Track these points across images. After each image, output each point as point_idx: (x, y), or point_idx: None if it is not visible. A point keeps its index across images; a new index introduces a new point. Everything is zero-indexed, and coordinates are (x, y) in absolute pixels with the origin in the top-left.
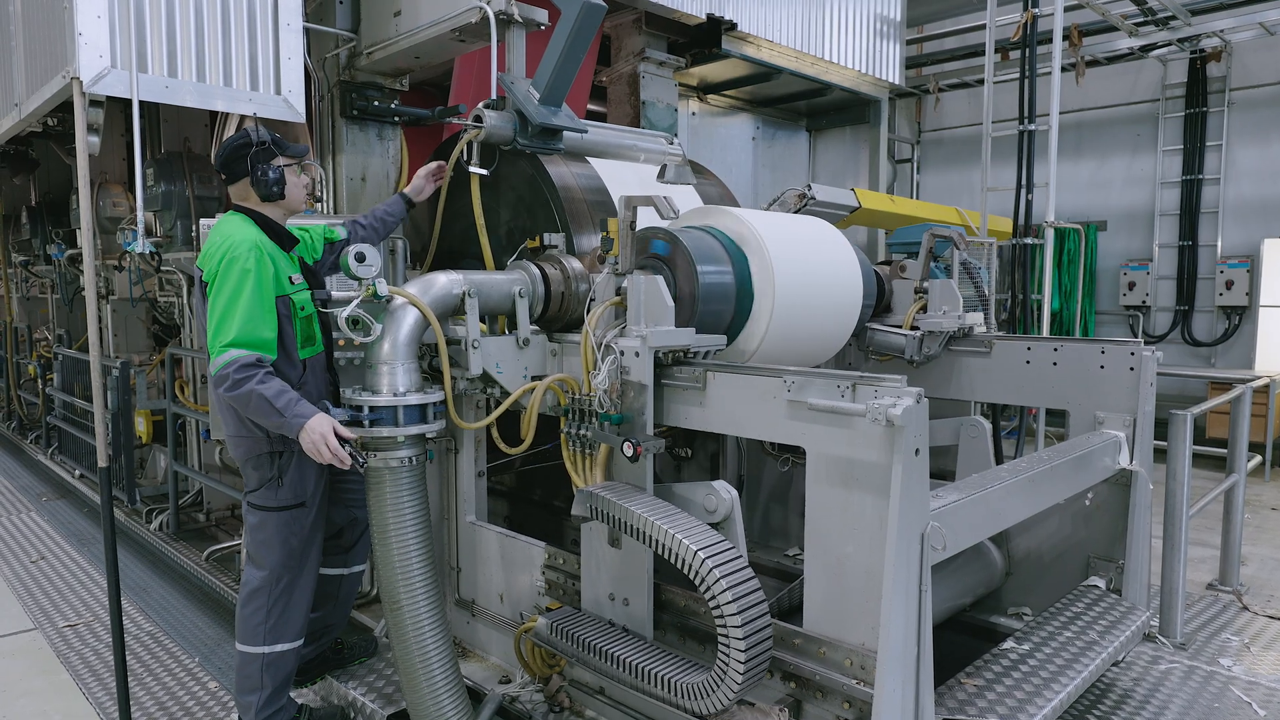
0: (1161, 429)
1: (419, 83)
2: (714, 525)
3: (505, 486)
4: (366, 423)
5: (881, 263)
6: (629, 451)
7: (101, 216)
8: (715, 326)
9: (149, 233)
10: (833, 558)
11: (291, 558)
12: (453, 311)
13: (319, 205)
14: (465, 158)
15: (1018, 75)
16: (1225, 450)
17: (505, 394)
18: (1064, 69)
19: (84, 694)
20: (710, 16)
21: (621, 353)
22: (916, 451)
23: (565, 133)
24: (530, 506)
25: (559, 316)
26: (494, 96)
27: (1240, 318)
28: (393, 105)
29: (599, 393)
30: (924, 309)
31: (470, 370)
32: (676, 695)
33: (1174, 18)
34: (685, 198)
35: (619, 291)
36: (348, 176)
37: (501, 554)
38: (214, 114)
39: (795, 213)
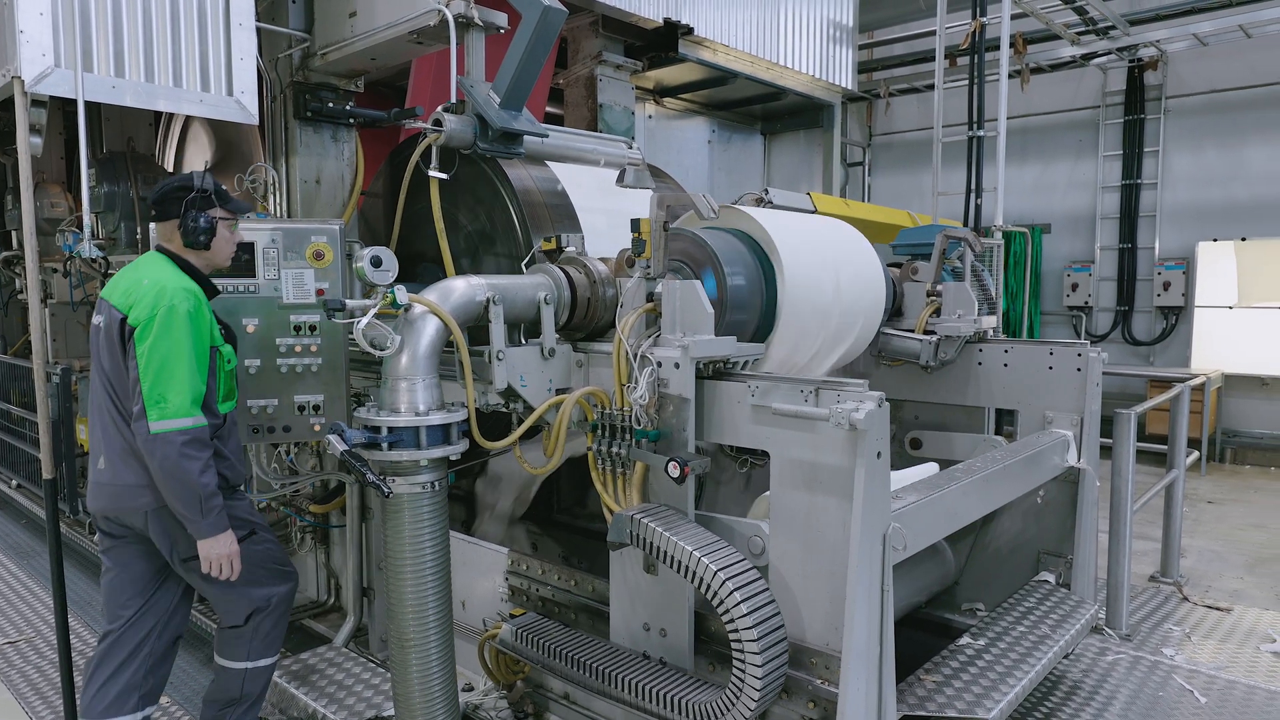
0: (1105, 426)
1: (373, 83)
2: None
3: (463, 491)
4: (385, 445)
5: (890, 264)
6: (674, 472)
7: (39, 218)
8: (740, 334)
9: (91, 235)
10: (797, 560)
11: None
12: (474, 320)
13: (270, 209)
14: (425, 161)
15: (966, 81)
16: (1164, 446)
17: (528, 409)
18: (1010, 75)
19: (27, 713)
20: (667, 21)
21: (659, 364)
22: (878, 454)
23: (526, 137)
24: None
25: (584, 324)
26: (453, 100)
27: (1177, 318)
28: (348, 107)
29: (636, 407)
30: (936, 312)
31: (496, 384)
32: (677, 712)
33: (1113, 27)
34: (644, 202)
35: (650, 297)
36: (301, 179)
37: (462, 560)
38: (159, 114)
39: None
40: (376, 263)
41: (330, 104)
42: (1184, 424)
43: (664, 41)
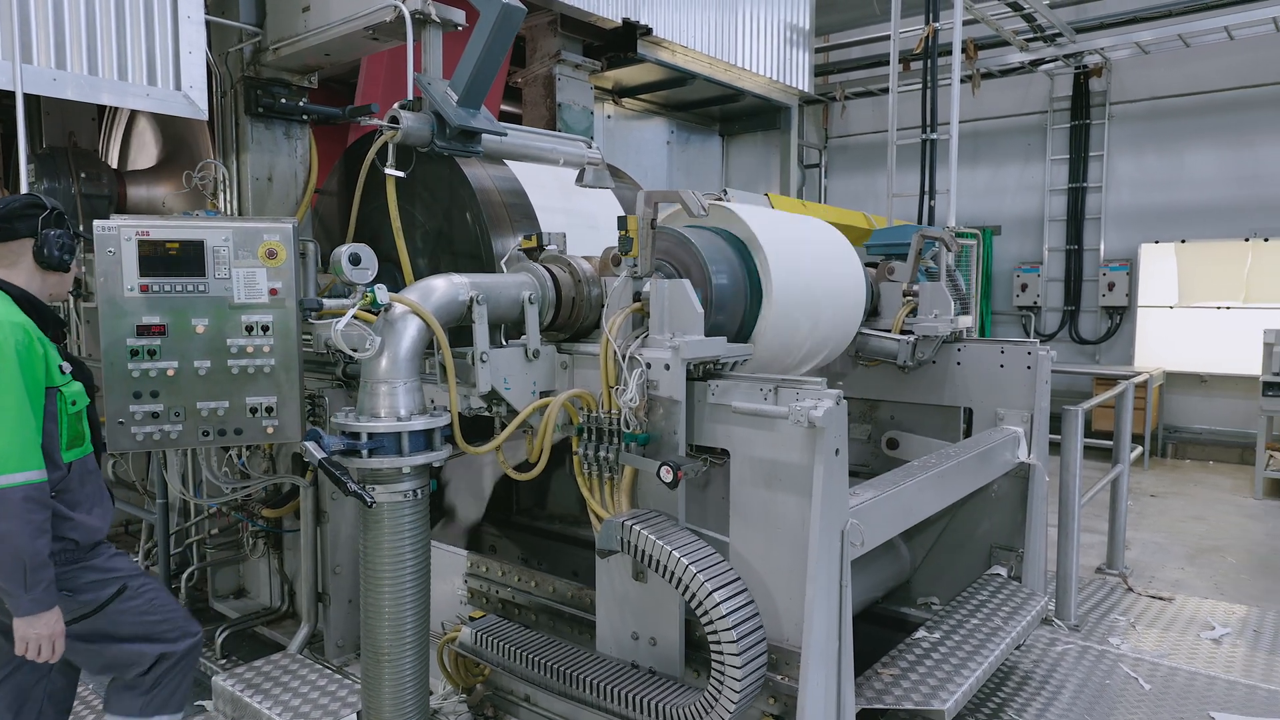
0: (1053, 423)
1: (326, 80)
2: None
3: None
4: (365, 452)
5: (865, 264)
6: (667, 477)
7: None
8: (724, 333)
9: None
10: (757, 557)
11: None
12: (457, 320)
13: (220, 207)
14: (381, 159)
15: (919, 85)
16: (1109, 442)
17: (512, 413)
18: (961, 80)
19: None
20: (626, 21)
21: (649, 365)
22: (836, 451)
23: (484, 135)
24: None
25: (569, 324)
26: (410, 97)
27: (1121, 317)
28: (301, 103)
29: (626, 410)
30: (913, 312)
31: (479, 387)
32: (645, 713)
33: (1060, 34)
34: (604, 202)
35: (637, 296)
36: (253, 177)
37: None
38: (102, 108)
39: None
40: (355, 260)
41: (283, 100)
42: (1128, 420)
43: (623, 42)
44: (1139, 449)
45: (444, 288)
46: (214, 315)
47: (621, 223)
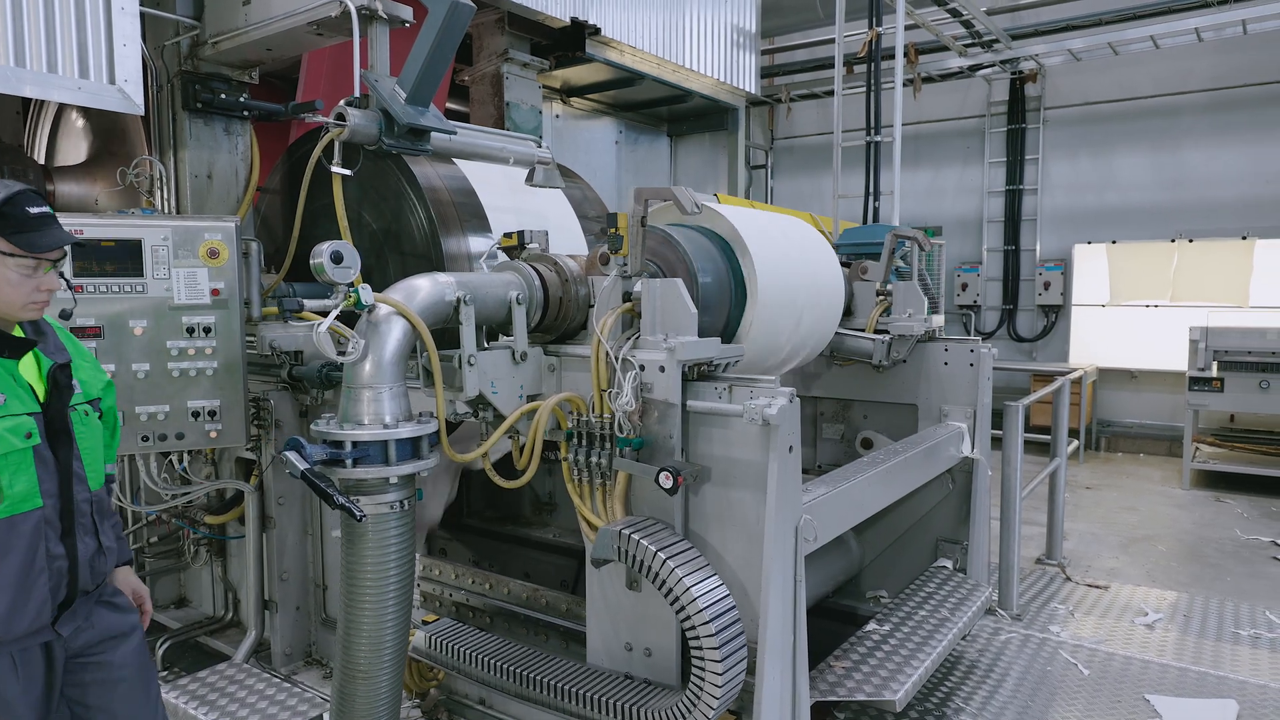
0: (994, 419)
1: (265, 75)
2: None
3: None
4: (349, 462)
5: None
6: (667, 483)
7: None
8: (711, 334)
9: None
10: (713, 555)
11: None
12: (443, 321)
13: (157, 205)
14: (327, 157)
15: (863, 88)
16: (1047, 436)
17: (499, 418)
18: (903, 84)
19: None
20: (575, 20)
21: (642, 367)
22: (790, 448)
23: (433, 134)
24: None
25: (555, 325)
26: (356, 94)
27: (1056, 315)
28: (242, 99)
29: (620, 414)
30: (886, 312)
31: (467, 391)
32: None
33: (997, 41)
34: (555, 202)
35: (627, 296)
36: (192, 174)
37: None
38: (27, 102)
39: None
40: (337, 258)
41: (223, 95)
42: (1065, 415)
43: (571, 41)
44: (1075, 443)
45: (429, 287)
46: (153, 316)
47: (611, 220)
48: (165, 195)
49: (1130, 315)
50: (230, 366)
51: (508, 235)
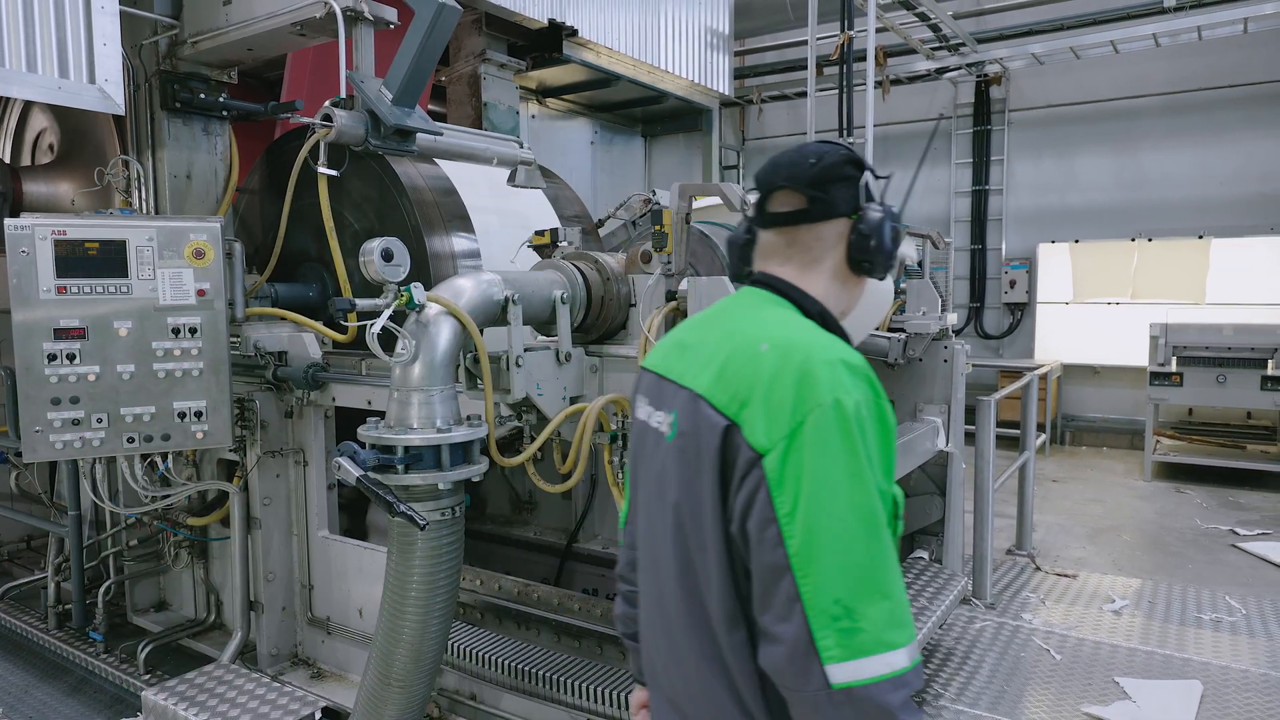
0: (966, 414)
1: (243, 74)
2: None
3: (344, 500)
4: (401, 467)
5: None
6: None
7: None
8: None
9: None
10: None
11: None
12: (491, 321)
13: (135, 205)
14: (314, 157)
15: (834, 90)
16: (1015, 431)
17: (543, 420)
18: (873, 86)
19: None
20: (552, 21)
21: None
22: None
23: (419, 135)
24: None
25: (597, 325)
26: (341, 95)
27: (1022, 313)
28: (221, 99)
29: None
30: (899, 310)
31: (514, 393)
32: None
33: (963, 44)
34: (535, 202)
35: (670, 295)
36: (170, 174)
37: (359, 567)
38: None
39: (640, 218)
40: (388, 256)
41: (202, 95)
42: (1034, 410)
43: (548, 42)
44: (1042, 437)
45: (476, 286)
46: (138, 317)
47: (656, 217)
48: (144, 195)
49: (1093, 312)
50: (216, 367)
51: (539, 233)
